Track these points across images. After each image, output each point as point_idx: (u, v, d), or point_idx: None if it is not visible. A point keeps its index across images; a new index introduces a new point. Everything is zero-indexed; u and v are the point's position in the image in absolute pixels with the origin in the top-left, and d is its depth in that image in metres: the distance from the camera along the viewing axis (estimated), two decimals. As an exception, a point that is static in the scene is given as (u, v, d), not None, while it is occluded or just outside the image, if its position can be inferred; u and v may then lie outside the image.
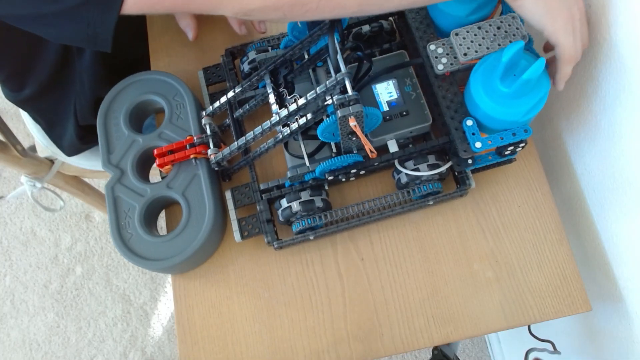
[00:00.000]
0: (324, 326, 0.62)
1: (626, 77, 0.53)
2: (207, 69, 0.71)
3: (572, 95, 0.64)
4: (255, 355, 0.62)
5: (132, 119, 0.67)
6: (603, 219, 0.65)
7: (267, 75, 0.60)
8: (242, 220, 0.63)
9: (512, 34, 0.55)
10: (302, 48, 0.58)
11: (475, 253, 0.63)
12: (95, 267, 1.50)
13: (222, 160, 0.61)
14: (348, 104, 0.51)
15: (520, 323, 0.60)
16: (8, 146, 0.89)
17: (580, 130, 0.65)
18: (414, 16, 0.61)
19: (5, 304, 1.48)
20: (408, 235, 0.65)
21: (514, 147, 0.58)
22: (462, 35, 0.56)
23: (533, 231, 0.63)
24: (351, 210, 0.62)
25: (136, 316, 1.45)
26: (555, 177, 0.74)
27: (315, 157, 0.62)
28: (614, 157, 0.59)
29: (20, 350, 1.44)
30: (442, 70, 0.57)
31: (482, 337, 1.37)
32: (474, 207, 0.65)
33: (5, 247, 1.54)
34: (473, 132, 0.54)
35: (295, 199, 0.60)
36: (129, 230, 0.61)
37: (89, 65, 0.78)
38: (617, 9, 0.51)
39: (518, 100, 0.52)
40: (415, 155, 0.61)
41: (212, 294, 0.64)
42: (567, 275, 0.62)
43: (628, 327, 0.64)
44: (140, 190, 0.63)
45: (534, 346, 0.71)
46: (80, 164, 1.01)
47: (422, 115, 0.62)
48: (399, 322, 0.61)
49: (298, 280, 0.64)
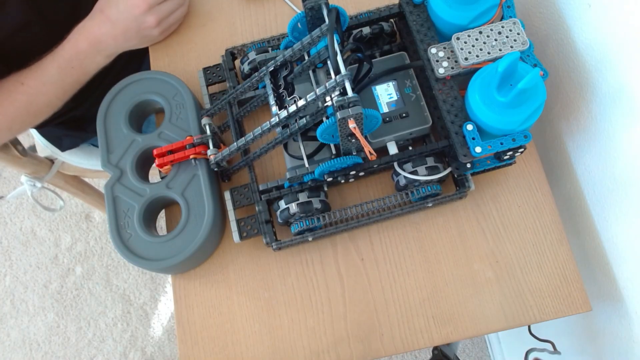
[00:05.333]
0: (324, 326, 0.62)
1: (623, 78, 0.53)
2: (207, 69, 0.71)
3: (572, 97, 0.64)
4: (255, 355, 0.62)
5: (131, 118, 0.67)
6: (603, 219, 0.65)
7: (267, 76, 0.60)
8: (241, 221, 0.63)
9: (513, 39, 0.55)
10: (302, 49, 0.58)
11: (475, 253, 0.63)
12: (95, 267, 1.50)
13: (222, 160, 0.61)
14: (347, 106, 0.51)
15: (520, 323, 0.60)
16: (8, 146, 0.89)
17: (580, 132, 0.65)
18: (414, 19, 0.61)
19: (5, 304, 1.48)
20: (408, 235, 0.65)
21: (513, 152, 0.58)
22: (464, 39, 0.56)
23: (533, 231, 0.63)
24: (350, 212, 0.62)
25: (136, 316, 1.45)
26: (555, 177, 0.74)
27: (315, 158, 0.62)
28: (613, 158, 0.59)
29: (20, 350, 1.44)
30: (443, 74, 0.57)
31: (482, 337, 1.37)
32: (474, 208, 0.65)
33: (5, 247, 1.54)
34: (473, 137, 0.54)
35: (293, 200, 0.60)
36: (128, 230, 0.61)
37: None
38: (614, 11, 0.51)
39: (515, 109, 0.52)
40: (414, 157, 0.61)
41: (212, 294, 0.64)
42: (567, 275, 0.62)
43: (628, 327, 0.64)
44: (140, 190, 0.63)
45: (534, 346, 0.71)
46: (80, 164, 1.01)
47: (422, 117, 0.62)
48: (399, 322, 0.61)
49: (298, 280, 0.64)
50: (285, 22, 0.74)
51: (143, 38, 0.61)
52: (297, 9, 0.76)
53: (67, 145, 0.94)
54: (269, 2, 0.77)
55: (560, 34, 0.63)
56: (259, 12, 0.77)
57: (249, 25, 0.76)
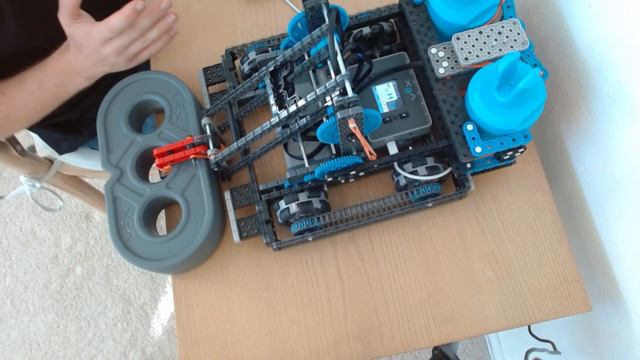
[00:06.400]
0: (324, 326, 0.62)
1: (623, 78, 0.53)
2: (207, 69, 0.71)
3: (572, 97, 0.64)
4: (255, 355, 0.62)
5: (131, 118, 0.67)
6: (603, 219, 0.65)
7: (267, 76, 0.60)
8: (241, 221, 0.63)
9: (513, 39, 0.55)
10: (303, 49, 0.58)
11: (475, 253, 0.63)
12: (95, 267, 1.50)
13: (222, 160, 0.61)
14: (348, 106, 0.51)
15: (521, 323, 0.60)
16: (7, 146, 0.89)
17: (580, 132, 0.65)
18: (415, 19, 0.61)
19: (5, 304, 1.48)
20: (408, 235, 0.65)
21: (513, 152, 0.58)
22: (464, 39, 0.56)
23: (533, 231, 0.63)
24: (350, 212, 0.62)
25: (136, 316, 1.45)
26: (556, 177, 0.74)
27: (315, 158, 0.62)
28: (613, 158, 0.59)
29: (20, 350, 1.44)
30: (443, 74, 0.57)
31: (482, 337, 1.37)
32: (474, 208, 0.65)
33: (5, 247, 1.54)
34: (473, 137, 0.54)
35: (293, 200, 0.60)
36: (128, 230, 0.61)
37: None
38: (614, 11, 0.51)
39: (515, 109, 0.52)
40: (414, 157, 0.61)
41: (212, 294, 0.64)
42: (567, 275, 0.62)
43: (628, 327, 0.64)
44: (140, 190, 0.63)
45: (534, 346, 0.71)
46: (79, 164, 1.01)
47: (422, 117, 0.62)
48: (399, 322, 0.61)
49: (298, 280, 0.64)
50: (285, 22, 0.74)
51: (113, 65, 0.62)
52: (297, 9, 0.76)
53: (64, 148, 0.94)
54: (269, 2, 0.77)
55: (560, 34, 0.63)
56: (259, 12, 0.77)
57: (249, 25, 0.76)
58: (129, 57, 0.62)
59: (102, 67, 0.63)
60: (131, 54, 0.61)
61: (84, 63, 0.62)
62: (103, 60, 0.61)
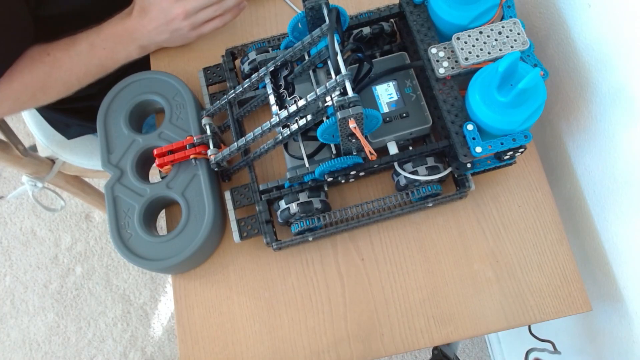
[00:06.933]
0: (324, 326, 0.62)
1: (622, 78, 0.53)
2: (207, 69, 0.71)
3: (572, 97, 0.64)
4: (256, 355, 0.62)
5: (132, 118, 0.67)
6: (603, 219, 0.65)
7: (267, 76, 0.60)
8: (241, 221, 0.63)
9: (513, 39, 0.55)
10: (303, 49, 0.58)
11: (475, 253, 0.63)
12: (95, 267, 1.50)
13: (222, 160, 0.61)
14: (348, 106, 0.51)
15: (521, 323, 0.60)
16: (9, 146, 0.89)
17: (580, 132, 0.65)
18: (415, 19, 0.61)
19: (5, 304, 1.48)
20: (408, 235, 0.65)
21: (513, 152, 0.58)
22: (464, 39, 0.56)
23: (533, 231, 0.63)
24: (350, 212, 0.62)
25: (136, 316, 1.45)
26: (556, 177, 0.74)
27: (315, 158, 0.62)
28: (613, 158, 0.59)
29: (20, 350, 1.44)
30: (443, 74, 0.57)
31: (482, 337, 1.37)
32: (474, 208, 0.65)
33: (5, 247, 1.54)
34: (473, 137, 0.54)
35: (293, 200, 0.60)
36: (128, 230, 0.62)
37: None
38: (614, 11, 0.52)
39: (515, 109, 0.52)
40: (414, 157, 0.61)
41: (212, 294, 0.64)
42: (567, 275, 0.62)
43: (628, 327, 0.64)
44: (140, 190, 0.63)
45: (534, 346, 0.71)
46: (81, 164, 1.01)
47: (422, 117, 0.62)
48: (399, 322, 0.61)
49: (298, 280, 0.64)
50: (285, 22, 0.74)
51: (174, 32, 0.61)
52: (297, 9, 0.76)
53: (73, 133, 0.93)
54: (269, 2, 0.77)
55: (560, 34, 0.63)
56: (259, 12, 0.77)
57: (249, 25, 0.76)
58: (195, 24, 0.60)
59: (161, 35, 0.61)
60: (199, 20, 0.60)
61: (145, 27, 0.60)
62: (168, 23, 0.59)
